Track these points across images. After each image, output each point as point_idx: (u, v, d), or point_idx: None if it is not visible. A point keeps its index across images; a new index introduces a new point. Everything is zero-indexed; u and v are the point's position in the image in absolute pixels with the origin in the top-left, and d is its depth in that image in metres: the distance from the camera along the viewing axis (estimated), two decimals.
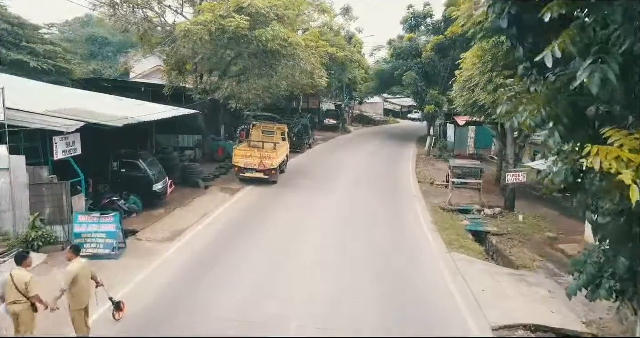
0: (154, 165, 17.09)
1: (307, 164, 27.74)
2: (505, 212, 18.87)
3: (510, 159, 18.98)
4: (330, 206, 18.27)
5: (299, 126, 31.69)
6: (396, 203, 19.53)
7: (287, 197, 19.34)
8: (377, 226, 16.00)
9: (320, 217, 16.63)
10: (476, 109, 20.55)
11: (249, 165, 20.62)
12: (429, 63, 31.39)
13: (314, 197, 19.53)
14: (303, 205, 18.18)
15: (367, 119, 63.06)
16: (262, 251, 13.00)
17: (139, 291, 10.20)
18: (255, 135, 23.88)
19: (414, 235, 15.33)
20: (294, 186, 21.35)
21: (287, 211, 17.26)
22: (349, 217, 16.81)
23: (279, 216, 16.52)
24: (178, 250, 12.90)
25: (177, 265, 11.82)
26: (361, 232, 15.15)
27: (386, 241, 14.44)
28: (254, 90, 20.76)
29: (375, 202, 19.28)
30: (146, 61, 29.29)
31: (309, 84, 25.66)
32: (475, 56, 18.19)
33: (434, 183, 24.52)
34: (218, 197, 18.78)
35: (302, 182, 22.24)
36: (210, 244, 13.42)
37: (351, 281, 11.32)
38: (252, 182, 21.10)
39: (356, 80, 43.22)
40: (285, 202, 18.46)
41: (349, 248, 13.53)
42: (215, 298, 10.01)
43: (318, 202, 18.76)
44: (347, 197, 19.86)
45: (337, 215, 17.08)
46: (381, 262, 12.64)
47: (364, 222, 16.39)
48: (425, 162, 31.80)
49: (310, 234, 14.71)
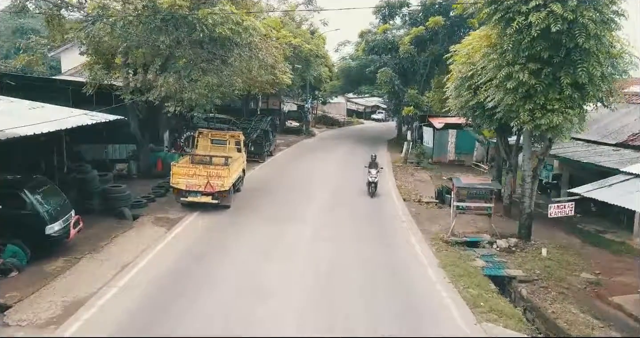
0: (52, 196, 12.04)
1: (268, 178, 23.07)
2: (522, 243, 14.91)
3: (527, 176, 15.00)
4: (300, 245, 13.70)
5: (258, 131, 26.92)
6: (385, 236, 15.20)
7: (243, 231, 14.64)
8: (368, 280, 11.56)
9: (289, 268, 11.95)
10: (479, 112, 16.56)
11: (193, 187, 15.79)
12: (408, 58, 27.39)
13: (279, 230, 14.91)
14: (264, 245, 13.52)
15: (331, 121, 58.91)
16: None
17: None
18: (202, 145, 18.99)
19: (423, 293, 10.99)
20: (253, 212, 16.66)
21: (241, 258, 12.51)
22: (329, 268, 12.20)
23: (229, 269, 11.70)
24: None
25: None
26: (349, 297, 10.65)
27: (386, 310, 10.01)
28: (198, 89, 15.89)
29: (359, 236, 14.88)
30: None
31: (270, 82, 20.99)
32: (487, 45, 14.11)
33: (421, 201, 20.42)
34: (148, 234, 13.86)
35: (263, 206, 17.57)
36: (124, 329, 8.61)
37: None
38: (197, 207, 16.30)
39: (321, 78, 38.84)
40: (241, 241, 13.74)
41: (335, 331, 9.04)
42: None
43: (284, 239, 14.16)
44: (322, 229, 15.32)
45: (311, 262, 12.46)
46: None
47: (349, 274, 11.87)
48: (403, 172, 27.76)
49: (274, 303, 10.07)
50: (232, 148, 19.14)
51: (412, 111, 26.85)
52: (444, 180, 25.65)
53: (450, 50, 19.83)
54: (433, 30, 26.31)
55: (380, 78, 27.40)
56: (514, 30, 12.30)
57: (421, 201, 20.38)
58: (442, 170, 28.47)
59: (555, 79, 12.76)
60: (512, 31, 12.35)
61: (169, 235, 13.88)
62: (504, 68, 12.99)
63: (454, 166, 30.39)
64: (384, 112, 78.81)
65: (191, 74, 15.82)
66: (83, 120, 12.75)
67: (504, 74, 12.94)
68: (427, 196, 21.23)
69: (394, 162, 31.05)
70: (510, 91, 13.15)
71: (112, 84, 19.03)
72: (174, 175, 15.81)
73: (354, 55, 41.88)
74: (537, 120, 12.94)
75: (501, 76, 13.04)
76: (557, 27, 11.57)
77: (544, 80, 12.71)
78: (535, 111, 12.97)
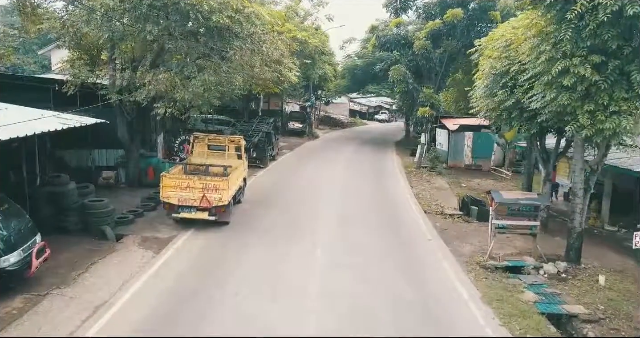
0: (11, 218, 9.83)
1: (272, 187, 20.84)
2: (573, 268, 12.69)
3: (578, 190, 12.76)
4: (312, 276, 11.40)
5: (260, 134, 24.68)
6: (412, 260, 12.96)
7: (244, 256, 12.39)
8: (401, 323, 9.35)
9: (299, 312, 9.66)
10: (515, 114, 14.35)
11: (186, 201, 13.57)
12: (423, 54, 25.13)
13: (286, 254, 12.64)
14: (269, 276, 11.22)
15: (334, 121, 56.68)
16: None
17: None
18: (198, 152, 16.76)
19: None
20: (255, 230, 14.42)
21: (242, 296, 10.17)
22: (349, 308, 9.95)
23: (226, 315, 9.34)
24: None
25: None
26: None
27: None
28: (192, 87, 13.66)
29: (380, 261, 12.65)
30: None
31: (274, 79, 18.77)
32: (534, 34, 11.89)
33: (444, 213, 18.22)
34: (132, 260, 11.62)
35: (266, 222, 15.34)
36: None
37: None
38: (191, 224, 14.09)
39: (326, 77, 36.60)
40: (241, 271, 11.47)
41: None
42: None
43: (292, 267, 11.85)
44: (335, 252, 13.04)
45: (327, 301, 10.18)
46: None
47: (376, 317, 9.66)
48: (418, 178, 25.54)
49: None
50: (231, 155, 16.92)
51: (428, 112, 24.60)
52: (463, 188, 23.54)
53: (475, 44, 17.76)
54: (451, 23, 24.05)
55: (392, 76, 25.16)
56: (575, 15, 10.09)
57: (444, 213, 18.18)
58: (459, 176, 26.30)
59: (622, 74, 10.57)
60: (572, 16, 10.14)
61: (157, 261, 11.62)
62: (559, 62, 10.76)
63: (471, 171, 28.23)
64: (388, 112, 76.67)
65: (184, 70, 13.56)
66: (50, 125, 10.50)
67: (559, 68, 10.71)
68: (449, 207, 19.04)
69: (406, 167, 28.82)
70: (566, 89, 10.94)
71: (96, 83, 16.84)
72: (165, 188, 13.57)
73: (360, 52, 39.63)
74: (599, 124, 10.73)
75: (555, 71, 10.81)
76: (635, 9, 9.35)
77: (609, 76, 10.51)
78: (596, 113, 10.76)
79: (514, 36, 14.51)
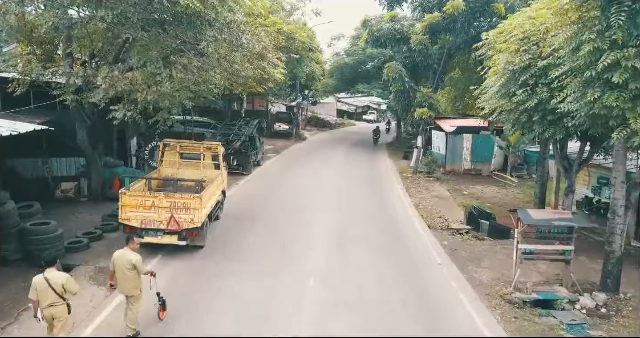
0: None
1: (255, 198, 18.58)
2: (613, 300, 10.69)
3: (618, 207, 10.74)
4: (304, 321, 9.22)
5: (243, 138, 22.35)
6: (424, 292, 10.83)
7: (221, 293, 10.12)
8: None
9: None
10: (538, 117, 12.31)
11: (151, 223, 11.27)
12: (421, 50, 23.05)
13: (272, 288, 10.37)
14: (251, 324, 9.01)
15: (322, 122, 54.53)
16: None
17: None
18: (168, 161, 14.43)
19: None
20: (235, 256, 12.16)
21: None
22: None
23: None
24: None
25: None
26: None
27: None
28: (157, 86, 11.34)
29: (387, 296, 10.50)
30: None
31: (257, 77, 16.48)
32: (574, 21, 9.84)
33: (450, 227, 16.18)
34: (79, 303, 9.24)
35: (248, 244, 13.09)
36: None
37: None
38: (159, 249, 11.80)
39: (314, 75, 34.42)
40: (216, 317, 9.21)
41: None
42: None
43: (280, 308, 9.60)
44: (331, 285, 10.83)
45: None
46: None
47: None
48: (415, 185, 23.49)
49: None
50: (208, 164, 14.62)
51: (426, 113, 22.55)
52: (465, 196, 21.54)
53: (482, 38, 15.73)
54: (451, 16, 22.01)
55: (387, 74, 23.04)
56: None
57: (450, 228, 16.13)
58: (459, 183, 24.33)
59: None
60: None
61: (109, 304, 9.32)
62: (608, 54, 8.73)
63: (471, 176, 26.29)
64: (376, 112, 74.83)
65: (148, 66, 11.23)
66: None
67: (608, 61, 8.67)
68: (455, 220, 17.00)
69: (401, 172, 26.78)
70: (615, 87, 8.91)
71: (50, 82, 14.43)
72: (124, 208, 11.23)
73: (349, 50, 37.64)
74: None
75: (603, 65, 8.76)
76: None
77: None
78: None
79: (533, 26, 12.59)
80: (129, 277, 8.01)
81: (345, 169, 26.58)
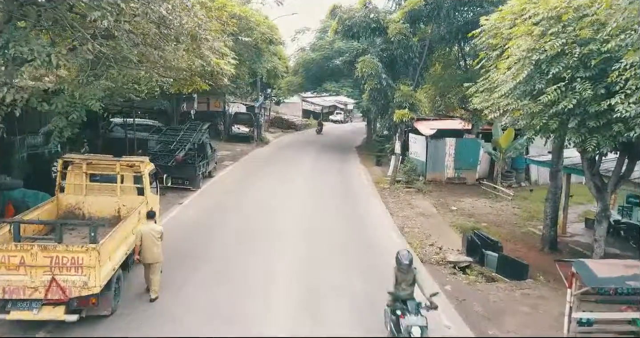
0: None
1: (203, 222, 14.71)
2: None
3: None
4: None
5: (186, 148, 18.28)
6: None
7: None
8: None
9: None
10: (576, 122, 9.07)
11: (20, 291, 7.31)
12: (400, 42, 19.63)
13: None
14: None
15: (286, 123, 50.85)
16: None
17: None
18: (72, 185, 10.39)
19: None
20: (163, 322, 8.36)
21: None
22: None
23: None
24: None
25: None
26: None
27: None
28: (24, 80, 7.38)
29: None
30: None
31: (199, 70, 12.62)
32: None
33: (446, 260, 12.88)
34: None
35: (186, 296, 9.28)
36: None
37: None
38: (43, 324, 7.87)
39: (276, 72, 30.67)
40: None
41: None
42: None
43: None
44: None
45: None
46: None
47: None
48: (396, 198, 20.18)
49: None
50: (128, 188, 10.66)
51: (408, 115, 19.20)
52: (454, 212, 18.35)
53: (481, 23, 12.60)
54: (435, 2, 18.70)
55: (361, 69, 19.51)
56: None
57: (448, 261, 12.83)
58: (444, 195, 21.24)
59: None
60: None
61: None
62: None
63: (455, 186, 23.30)
64: (343, 112, 71.63)
65: (17, 49, 7.26)
66: None
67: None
68: (451, 249, 13.73)
69: (377, 182, 23.43)
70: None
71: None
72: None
73: (316, 44, 34.09)
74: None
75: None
76: None
77: None
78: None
79: (563, 2, 9.50)
80: (157, 245, 8.88)
81: (314, 179, 23.01)
